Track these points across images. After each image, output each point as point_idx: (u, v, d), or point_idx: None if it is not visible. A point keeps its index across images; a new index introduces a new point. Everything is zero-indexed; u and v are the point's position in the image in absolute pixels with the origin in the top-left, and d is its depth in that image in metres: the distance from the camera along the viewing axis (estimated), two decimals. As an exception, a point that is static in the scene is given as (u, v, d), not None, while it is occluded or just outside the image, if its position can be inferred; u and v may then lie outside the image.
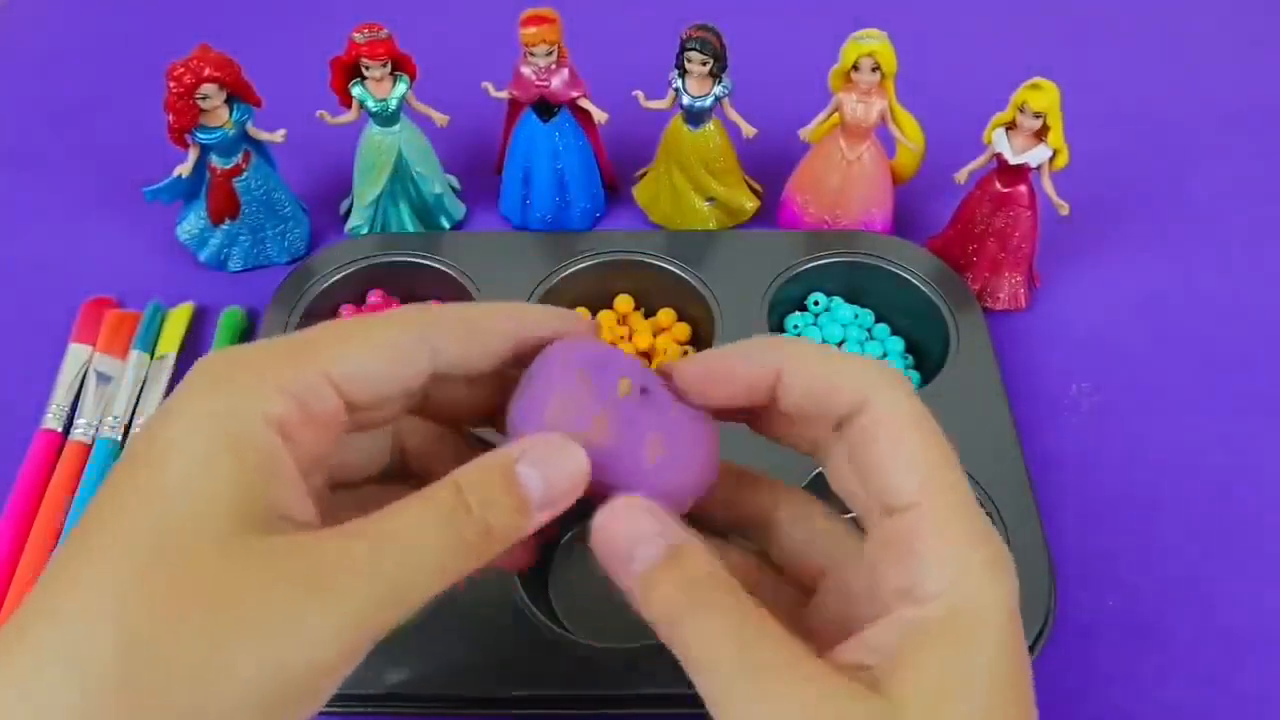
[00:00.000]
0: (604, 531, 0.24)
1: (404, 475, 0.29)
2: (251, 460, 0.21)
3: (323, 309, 0.55)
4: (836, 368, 0.25)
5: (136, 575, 0.20)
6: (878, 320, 0.56)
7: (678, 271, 0.55)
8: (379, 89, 0.55)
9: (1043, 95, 0.50)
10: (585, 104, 0.56)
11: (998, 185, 0.54)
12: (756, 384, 0.25)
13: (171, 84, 0.51)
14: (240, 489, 0.21)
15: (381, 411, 0.25)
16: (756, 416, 0.27)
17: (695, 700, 0.23)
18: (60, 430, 0.51)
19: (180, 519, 0.20)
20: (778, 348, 0.25)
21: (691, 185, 0.59)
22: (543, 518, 0.24)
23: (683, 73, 0.54)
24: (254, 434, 0.22)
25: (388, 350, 0.24)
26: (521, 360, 0.27)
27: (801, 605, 0.27)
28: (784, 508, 0.28)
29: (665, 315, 0.55)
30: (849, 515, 0.27)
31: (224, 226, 0.57)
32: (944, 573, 0.22)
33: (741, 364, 0.26)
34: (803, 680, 0.21)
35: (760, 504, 0.28)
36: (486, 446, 0.27)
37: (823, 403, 0.25)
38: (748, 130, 0.57)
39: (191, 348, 0.55)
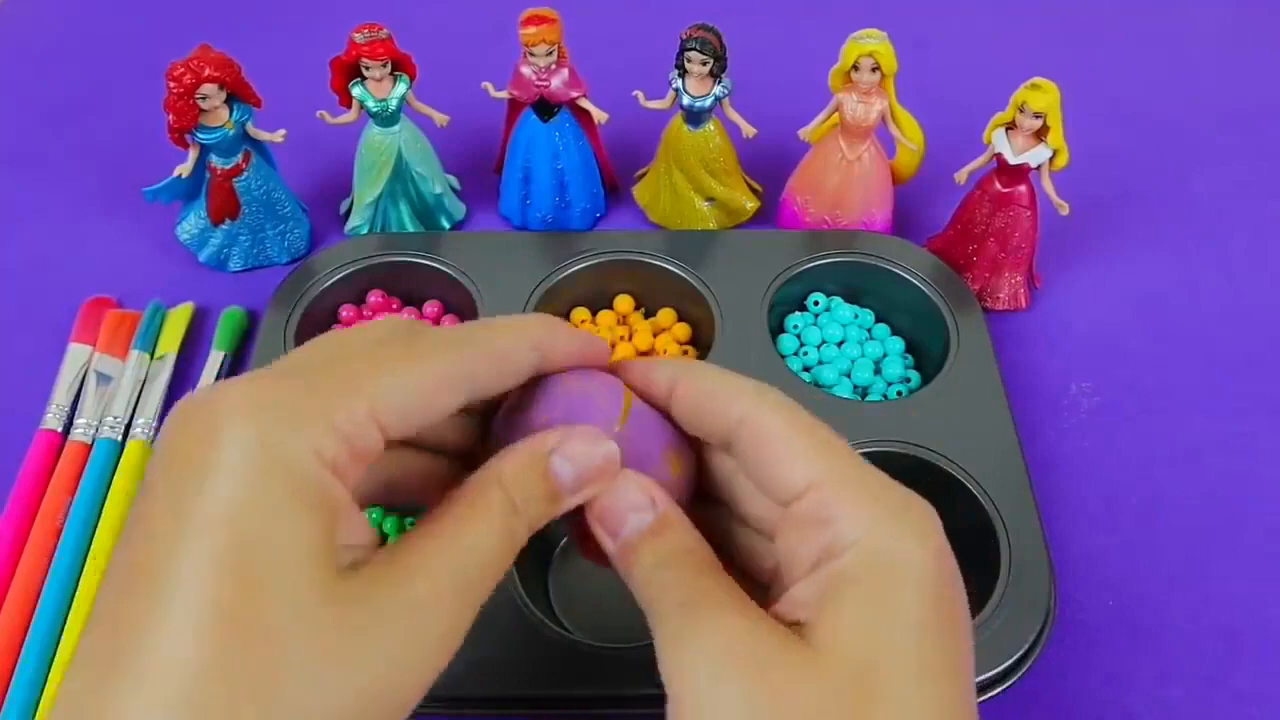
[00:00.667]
0: (605, 497, 0.26)
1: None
2: (315, 504, 0.21)
3: (323, 309, 0.55)
4: (717, 384, 0.26)
5: (221, 621, 0.19)
6: (878, 320, 0.56)
7: (678, 271, 0.55)
8: (379, 89, 0.55)
9: (1043, 95, 0.50)
10: (585, 104, 0.56)
11: (998, 185, 0.54)
12: (656, 397, 0.27)
13: (171, 84, 0.51)
14: (317, 532, 0.21)
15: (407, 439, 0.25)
16: None
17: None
18: (60, 430, 0.51)
19: (259, 555, 0.20)
20: (675, 366, 0.28)
21: (691, 185, 0.59)
22: (573, 502, 0.26)
23: (683, 73, 0.54)
24: (312, 476, 0.21)
25: (433, 384, 0.24)
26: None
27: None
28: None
29: (665, 315, 0.55)
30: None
31: (224, 226, 0.57)
32: (856, 525, 0.23)
33: (652, 375, 0.28)
34: (736, 614, 0.23)
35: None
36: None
37: (705, 418, 0.26)
38: (748, 130, 0.57)
39: (191, 348, 0.55)
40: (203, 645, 0.19)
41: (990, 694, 0.41)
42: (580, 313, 0.56)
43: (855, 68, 0.53)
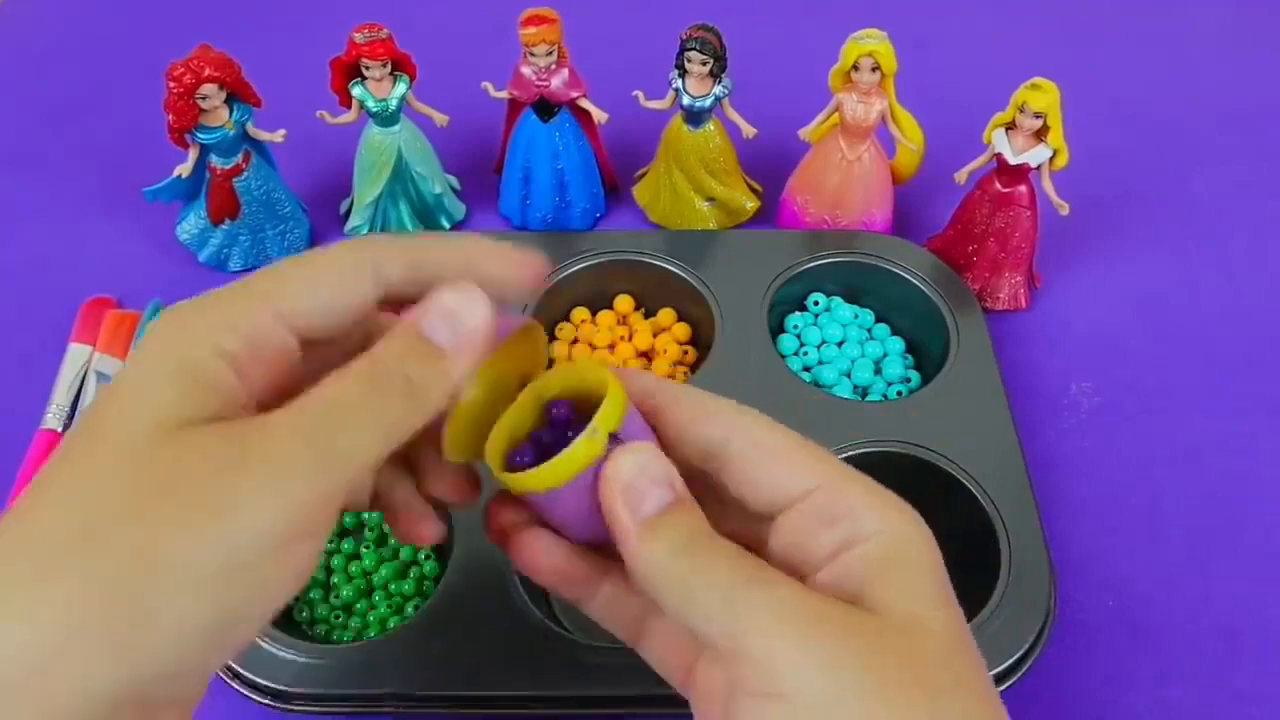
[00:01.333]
0: (622, 469, 0.25)
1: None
2: (196, 378, 0.23)
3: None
4: (701, 401, 0.28)
5: (88, 473, 0.22)
6: (878, 320, 0.56)
7: (678, 271, 0.55)
8: (379, 89, 0.55)
9: (1043, 95, 0.50)
10: (585, 104, 0.56)
11: (998, 185, 0.54)
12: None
13: (171, 84, 0.51)
14: (181, 396, 0.22)
15: (337, 342, 0.26)
16: None
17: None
18: (60, 430, 0.51)
19: (123, 421, 0.22)
20: (654, 380, 0.28)
21: (691, 185, 0.59)
22: (461, 363, 0.25)
23: (683, 73, 0.54)
24: (202, 361, 0.23)
25: (331, 276, 0.25)
26: None
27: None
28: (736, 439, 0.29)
29: (665, 315, 0.55)
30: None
31: (224, 226, 0.57)
32: (874, 518, 0.25)
33: (635, 384, 0.28)
34: (796, 585, 0.24)
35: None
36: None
37: (692, 432, 0.27)
38: (748, 130, 0.57)
39: (191, 348, 0.55)
40: (58, 484, 0.22)
41: (990, 694, 0.41)
42: (580, 313, 0.56)
43: (855, 68, 0.53)
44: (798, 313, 0.56)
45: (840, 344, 0.54)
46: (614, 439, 0.26)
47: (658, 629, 0.28)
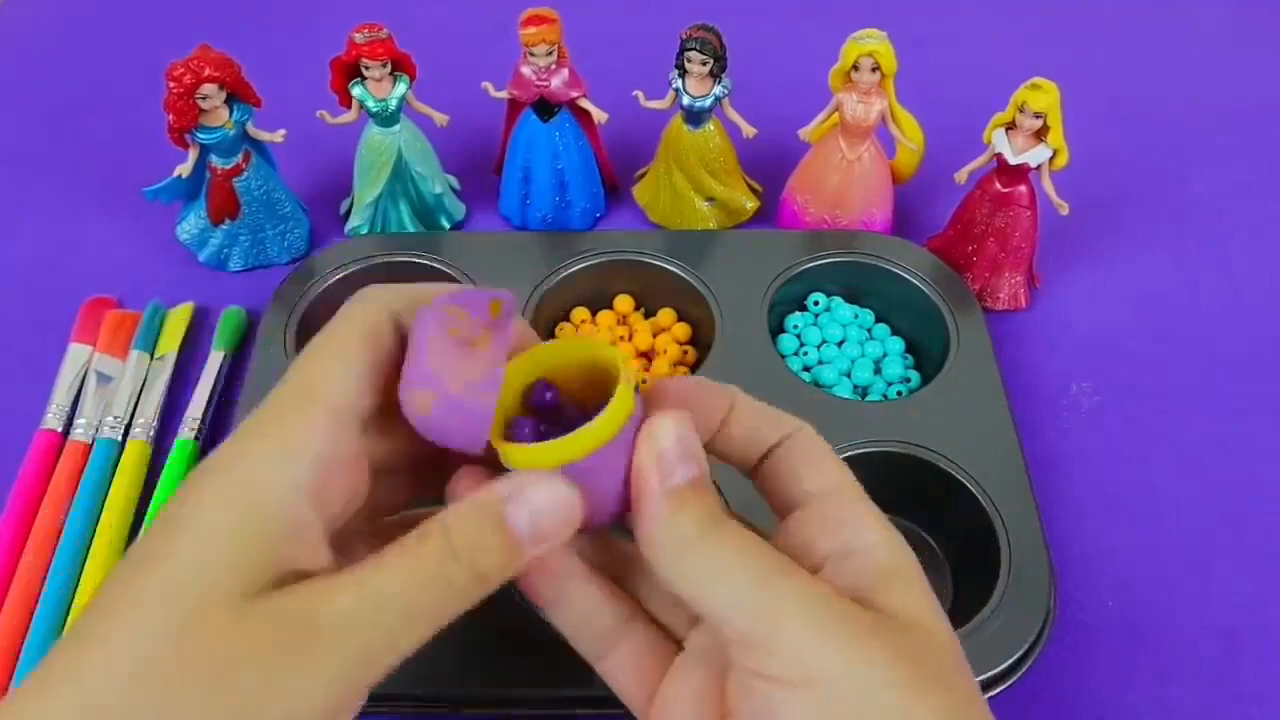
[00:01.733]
0: (662, 434, 0.25)
1: None
2: (266, 525, 0.22)
3: (323, 309, 0.55)
4: (771, 412, 0.29)
5: (150, 639, 0.21)
6: (878, 320, 0.56)
7: (678, 271, 0.55)
8: (379, 89, 0.55)
9: (1043, 95, 0.50)
10: (585, 104, 0.56)
11: (998, 185, 0.54)
12: (714, 411, 0.29)
13: (171, 84, 0.51)
14: (249, 552, 0.22)
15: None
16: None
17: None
18: (60, 430, 0.51)
19: (189, 585, 0.22)
20: (728, 388, 0.29)
21: (691, 185, 0.59)
22: (536, 553, 0.25)
23: (683, 73, 0.54)
24: (277, 500, 0.23)
25: (357, 344, 0.26)
26: None
27: None
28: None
29: (665, 315, 0.55)
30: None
31: (224, 226, 0.57)
32: (873, 533, 0.27)
33: (708, 393, 0.29)
34: (822, 584, 0.25)
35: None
36: None
37: (759, 433, 0.29)
38: (748, 130, 0.57)
39: (191, 348, 0.55)
40: (112, 646, 0.21)
41: (990, 694, 0.41)
42: (580, 313, 0.56)
43: (855, 68, 0.53)
44: (798, 313, 0.56)
45: (840, 344, 0.54)
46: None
47: (627, 645, 0.28)
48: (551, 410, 0.26)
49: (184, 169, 0.54)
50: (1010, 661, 0.41)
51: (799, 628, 0.23)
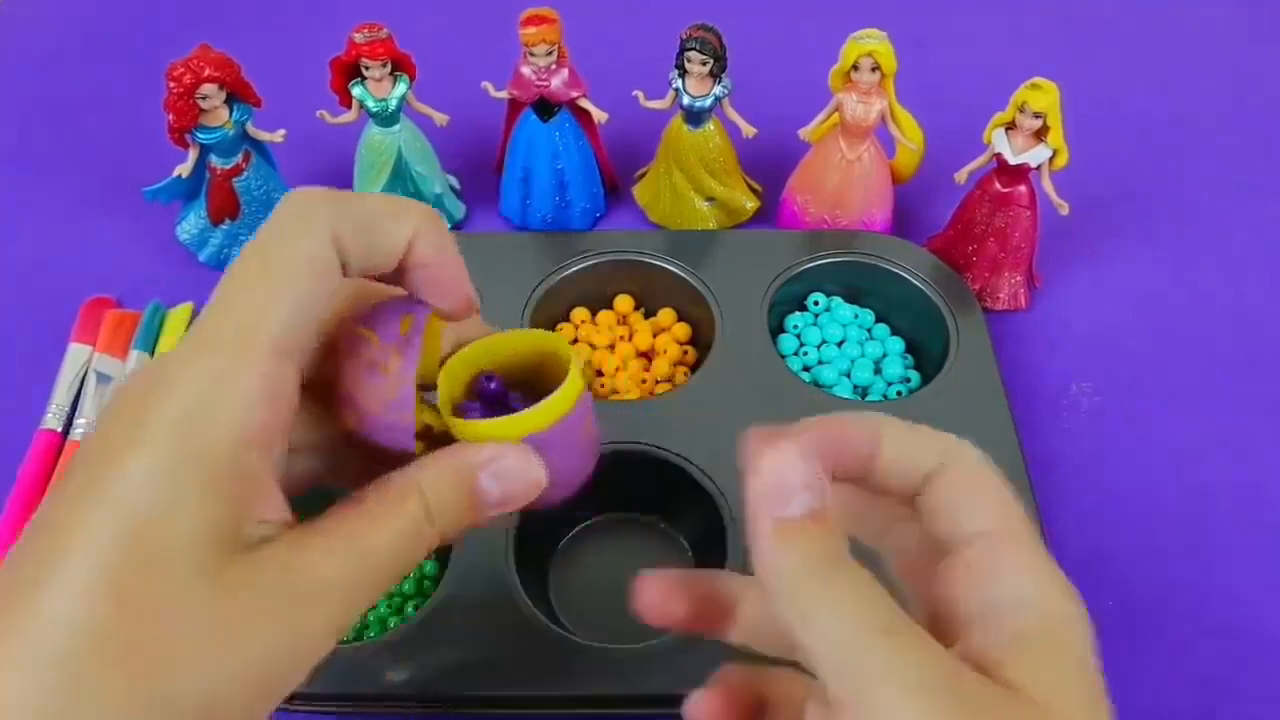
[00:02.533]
0: (765, 466, 0.24)
1: None
2: (228, 484, 0.22)
3: (323, 309, 0.55)
4: (924, 434, 0.26)
5: (110, 590, 0.20)
6: (878, 320, 0.56)
7: (678, 271, 0.55)
8: (379, 89, 0.55)
9: (1043, 95, 0.50)
10: (585, 104, 0.56)
11: (997, 185, 0.54)
12: (857, 442, 0.26)
13: (171, 84, 0.51)
14: (222, 516, 0.22)
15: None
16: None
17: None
18: (60, 430, 0.51)
19: (157, 537, 0.21)
20: (875, 419, 0.26)
21: (691, 185, 0.59)
22: (492, 516, 0.25)
23: (683, 73, 0.54)
24: (229, 455, 0.22)
25: (302, 278, 0.23)
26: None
27: None
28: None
29: (665, 315, 0.55)
30: None
31: (224, 226, 0.57)
32: (1035, 585, 0.24)
33: (850, 425, 0.26)
34: (933, 648, 0.22)
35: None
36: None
37: (912, 461, 0.26)
38: (747, 130, 0.57)
39: (191, 348, 0.55)
40: (85, 612, 0.20)
41: (990, 694, 0.41)
42: (580, 313, 0.56)
43: (855, 68, 0.53)
44: (798, 313, 0.56)
45: (840, 344, 0.54)
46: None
47: None
48: (498, 398, 0.27)
49: (184, 169, 0.54)
50: (1010, 661, 0.41)
51: (892, 693, 0.21)
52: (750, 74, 0.59)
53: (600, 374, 0.53)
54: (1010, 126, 0.52)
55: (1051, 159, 0.52)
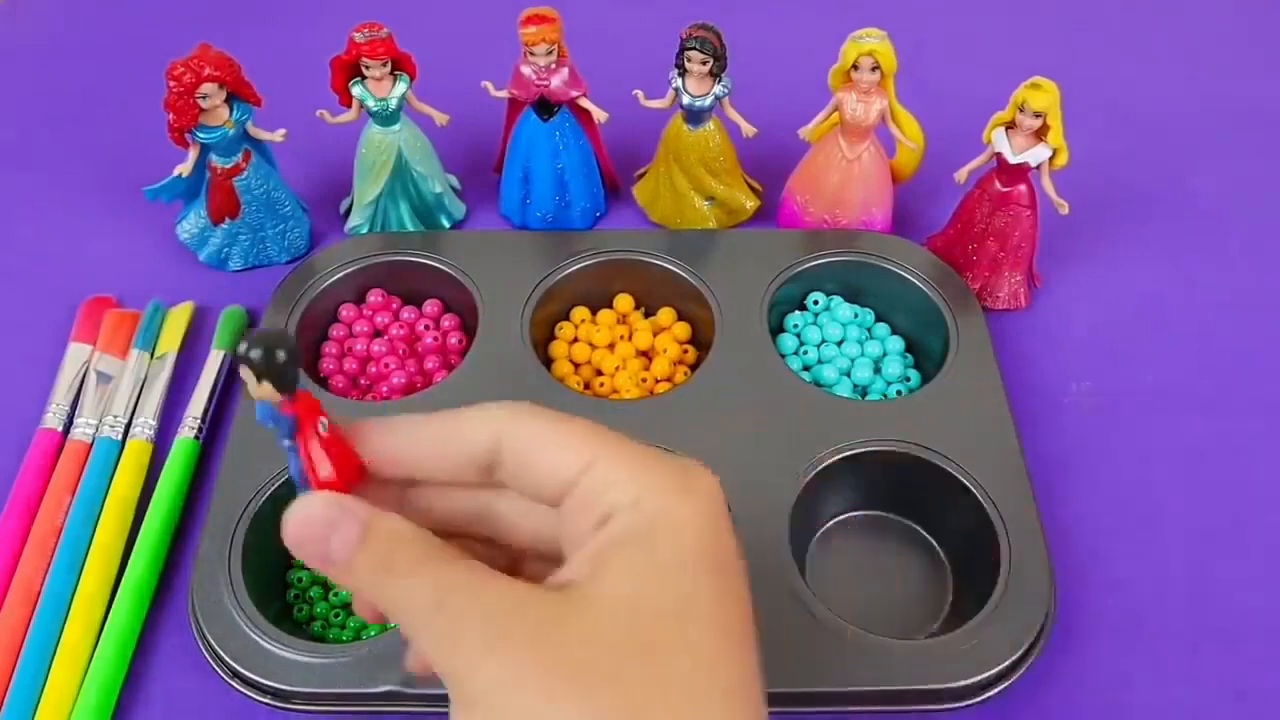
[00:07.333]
0: (298, 527, 0.24)
1: None
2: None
3: (323, 308, 0.55)
4: (463, 417, 0.26)
5: None
6: (878, 320, 0.56)
7: (678, 271, 0.55)
8: (379, 88, 0.55)
9: (1043, 95, 0.50)
10: (585, 103, 0.56)
11: (997, 185, 0.54)
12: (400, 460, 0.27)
13: (171, 83, 0.51)
14: None
15: None
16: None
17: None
18: (60, 429, 0.51)
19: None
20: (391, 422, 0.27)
21: (691, 185, 0.59)
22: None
23: (683, 72, 0.54)
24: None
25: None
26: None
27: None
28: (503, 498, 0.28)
29: (665, 315, 0.55)
30: None
31: (224, 226, 0.57)
32: (626, 491, 0.24)
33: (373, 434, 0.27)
34: (492, 589, 0.23)
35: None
36: None
37: (458, 453, 0.26)
38: (747, 130, 0.57)
39: (191, 347, 0.55)
40: None
41: (990, 694, 0.41)
42: (580, 312, 0.56)
43: (855, 67, 0.53)
44: (798, 312, 0.56)
45: (840, 343, 0.54)
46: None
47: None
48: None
49: (184, 168, 0.54)
50: (1010, 661, 0.41)
51: (466, 656, 0.22)
52: (750, 74, 0.59)
53: (600, 373, 0.53)
54: (1010, 126, 0.52)
55: (1051, 158, 0.52)
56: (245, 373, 0.24)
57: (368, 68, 0.54)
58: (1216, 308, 0.58)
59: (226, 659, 0.41)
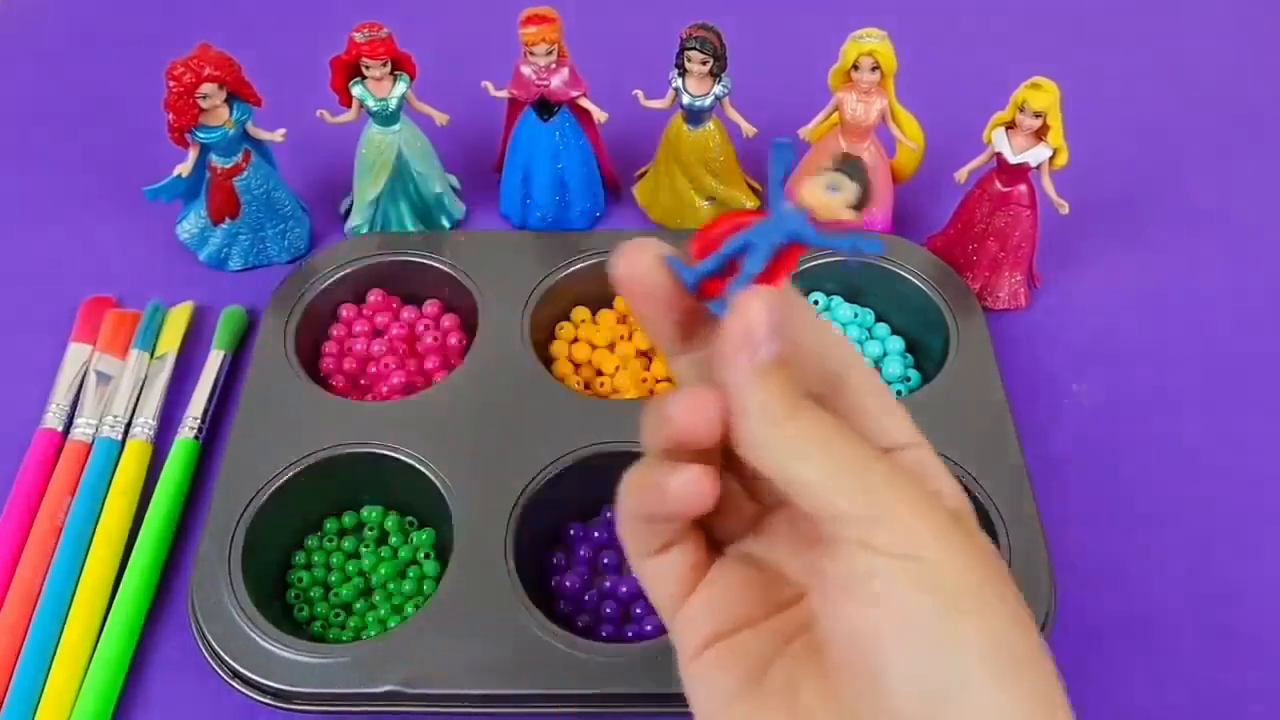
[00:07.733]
0: (751, 314, 0.25)
1: None
2: None
3: (323, 308, 0.55)
4: (829, 337, 0.29)
5: None
6: (878, 320, 0.56)
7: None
8: (379, 88, 0.55)
9: (1043, 95, 0.50)
10: (585, 103, 0.56)
11: (998, 185, 0.54)
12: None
13: (171, 83, 0.51)
14: None
15: None
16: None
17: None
18: (60, 429, 0.51)
19: None
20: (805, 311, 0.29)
21: (691, 185, 0.59)
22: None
23: (683, 72, 0.54)
24: None
25: None
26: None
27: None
28: None
29: (665, 315, 0.55)
30: None
31: (224, 226, 0.57)
32: (949, 484, 0.29)
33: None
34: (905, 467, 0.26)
35: None
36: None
37: (815, 359, 0.28)
38: (747, 129, 0.57)
39: (191, 347, 0.55)
40: None
41: (990, 694, 0.41)
42: (580, 312, 0.56)
43: (855, 67, 0.53)
44: (798, 312, 0.56)
45: (840, 344, 0.54)
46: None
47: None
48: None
49: (184, 168, 0.54)
50: (1010, 661, 0.41)
51: (908, 507, 0.24)
52: (750, 74, 0.59)
53: (600, 373, 0.53)
54: (1010, 126, 0.52)
55: (1051, 158, 0.52)
56: (835, 179, 0.25)
57: (368, 68, 0.54)
58: (1216, 308, 0.58)
59: (226, 659, 0.41)
